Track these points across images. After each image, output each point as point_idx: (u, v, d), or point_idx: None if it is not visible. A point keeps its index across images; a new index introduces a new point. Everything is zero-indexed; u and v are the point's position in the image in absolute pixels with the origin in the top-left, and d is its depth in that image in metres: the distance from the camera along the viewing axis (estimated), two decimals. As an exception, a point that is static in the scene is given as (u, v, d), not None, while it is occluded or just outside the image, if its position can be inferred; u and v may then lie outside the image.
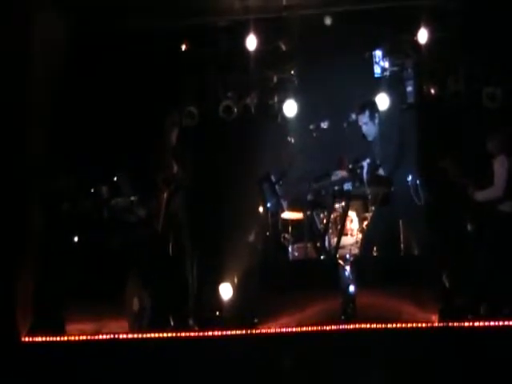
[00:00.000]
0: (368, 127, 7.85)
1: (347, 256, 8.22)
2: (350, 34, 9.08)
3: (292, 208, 8.65)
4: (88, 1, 8.06)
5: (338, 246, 7.98)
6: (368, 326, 6.32)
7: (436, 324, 6.37)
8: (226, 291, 8.72)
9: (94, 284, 6.90)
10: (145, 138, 8.15)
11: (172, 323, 7.38)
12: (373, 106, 8.02)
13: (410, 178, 7.77)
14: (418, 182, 7.78)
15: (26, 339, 6.55)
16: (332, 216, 8.30)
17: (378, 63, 9.46)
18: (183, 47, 9.42)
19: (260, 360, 6.26)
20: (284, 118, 9.70)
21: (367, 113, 7.84)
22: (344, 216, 8.16)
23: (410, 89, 9.42)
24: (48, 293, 7.13)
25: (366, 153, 7.82)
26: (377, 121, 7.86)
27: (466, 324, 6.29)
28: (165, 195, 7.61)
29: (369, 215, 8.26)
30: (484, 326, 6.25)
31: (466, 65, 9.17)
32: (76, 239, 8.19)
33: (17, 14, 6.82)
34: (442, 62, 9.26)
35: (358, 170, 7.66)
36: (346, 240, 8.34)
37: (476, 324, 6.28)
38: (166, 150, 7.75)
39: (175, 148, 7.79)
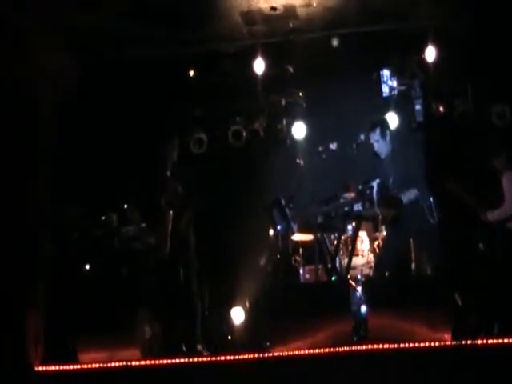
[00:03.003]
0: (379, 145, 7.81)
1: (358, 277, 8.18)
2: (356, 55, 9.11)
3: (302, 230, 8.64)
4: (95, 31, 8.16)
5: (349, 267, 7.97)
6: (380, 346, 6.27)
7: (449, 343, 6.31)
8: (237, 315, 8.70)
9: (106, 312, 6.91)
10: (153, 165, 8.19)
11: (184, 349, 7.37)
12: (383, 124, 7.98)
13: (423, 197, 7.72)
14: (431, 200, 7.74)
15: (40, 368, 6.57)
16: (342, 237, 8.27)
17: (385, 83, 9.46)
18: (191, 74, 9.47)
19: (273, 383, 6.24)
20: (293, 140, 9.73)
21: (378, 130, 7.81)
22: (354, 237, 8.15)
23: (418, 108, 9.42)
24: (60, 322, 7.15)
25: (376, 173, 7.80)
26: (388, 138, 7.83)
27: (479, 342, 6.22)
28: (170, 217, 7.59)
29: (379, 235, 8.24)
30: (497, 344, 6.18)
31: (474, 83, 9.17)
32: (87, 267, 8.21)
33: (20, 52, 6.91)
34: (450, 81, 9.28)
35: (368, 191, 7.64)
36: (357, 261, 8.31)
37: (489, 342, 6.22)
38: (170, 174, 7.76)
39: (178, 171, 7.80)
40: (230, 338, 8.46)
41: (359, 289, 7.80)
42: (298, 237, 8.70)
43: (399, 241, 7.66)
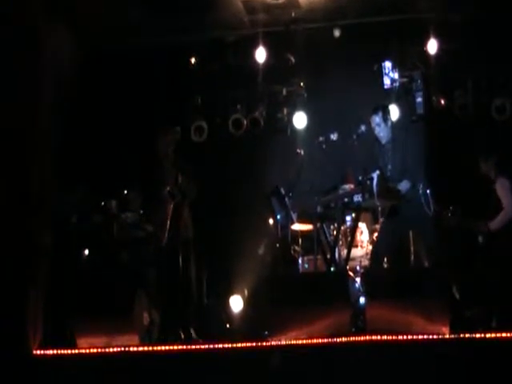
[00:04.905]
0: (381, 129, 7.75)
1: (357, 268, 8.20)
2: (358, 46, 9.11)
3: (302, 220, 8.64)
4: (96, 20, 8.14)
5: (348, 258, 7.96)
6: (378, 338, 6.28)
7: (447, 336, 6.33)
8: (236, 304, 8.72)
9: (104, 298, 6.92)
10: (154, 154, 8.19)
11: (182, 336, 7.39)
12: (386, 109, 7.95)
13: (420, 188, 7.74)
14: (428, 192, 7.76)
15: (38, 352, 6.56)
16: (342, 228, 8.28)
17: (387, 74, 9.46)
18: (192, 62, 9.46)
19: (270, 372, 6.25)
20: (293, 130, 9.73)
21: (380, 114, 7.72)
22: (354, 228, 8.16)
23: (419, 100, 9.42)
24: (59, 306, 7.15)
25: (376, 160, 7.82)
26: (389, 124, 7.78)
27: (478, 336, 6.24)
28: (171, 207, 7.61)
29: (379, 227, 8.25)
30: (495, 338, 6.19)
31: (475, 76, 9.18)
32: (86, 253, 8.21)
33: (26, 35, 6.87)
34: (450, 73, 9.28)
35: (368, 182, 7.64)
36: (356, 252, 8.33)
37: (487, 336, 6.23)
38: (169, 164, 7.78)
39: (178, 161, 7.81)
40: (228, 326, 8.48)
41: (358, 280, 7.83)
42: (297, 226, 8.70)
43: (395, 232, 7.69)
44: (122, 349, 6.51)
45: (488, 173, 7.91)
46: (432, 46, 8.83)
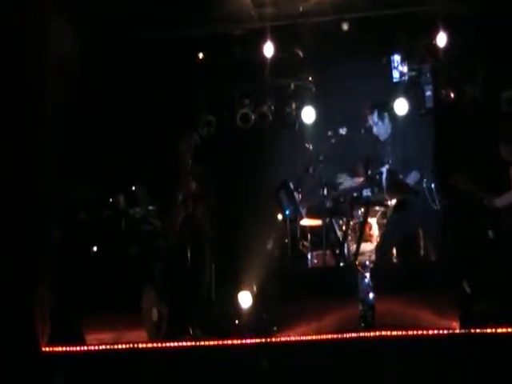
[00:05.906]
0: (378, 127, 7.86)
1: (367, 263, 8.16)
2: (367, 40, 9.08)
3: (311, 215, 8.62)
4: (102, 14, 8.13)
5: (357, 253, 7.94)
6: (388, 333, 6.26)
7: (457, 331, 6.29)
8: (244, 299, 8.71)
9: (113, 294, 6.91)
10: (162, 149, 8.20)
11: (191, 332, 7.38)
12: (382, 107, 7.99)
13: (424, 183, 7.71)
14: (432, 185, 7.73)
15: (46, 349, 6.57)
16: (351, 223, 8.25)
17: (396, 68, 9.42)
18: (200, 56, 9.44)
19: (279, 368, 6.24)
20: (301, 124, 9.69)
21: (376, 113, 7.85)
22: (363, 222, 8.13)
23: (428, 93, 9.37)
24: (67, 303, 7.15)
25: (384, 158, 7.79)
26: (386, 121, 7.85)
27: (489, 330, 6.19)
28: (183, 214, 7.65)
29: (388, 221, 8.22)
30: (507, 333, 6.14)
31: (484, 69, 9.12)
32: (94, 249, 8.22)
33: (27, 35, 6.85)
34: (460, 66, 9.23)
35: (377, 177, 7.62)
36: (366, 247, 8.28)
37: (499, 330, 6.18)
38: (184, 171, 7.79)
39: (193, 168, 7.84)
40: (237, 322, 8.46)
41: (367, 275, 7.79)
42: (306, 221, 8.68)
43: (402, 226, 7.65)
44: (131, 345, 6.52)
45: (507, 157, 7.83)
46: (441, 39, 8.77)
